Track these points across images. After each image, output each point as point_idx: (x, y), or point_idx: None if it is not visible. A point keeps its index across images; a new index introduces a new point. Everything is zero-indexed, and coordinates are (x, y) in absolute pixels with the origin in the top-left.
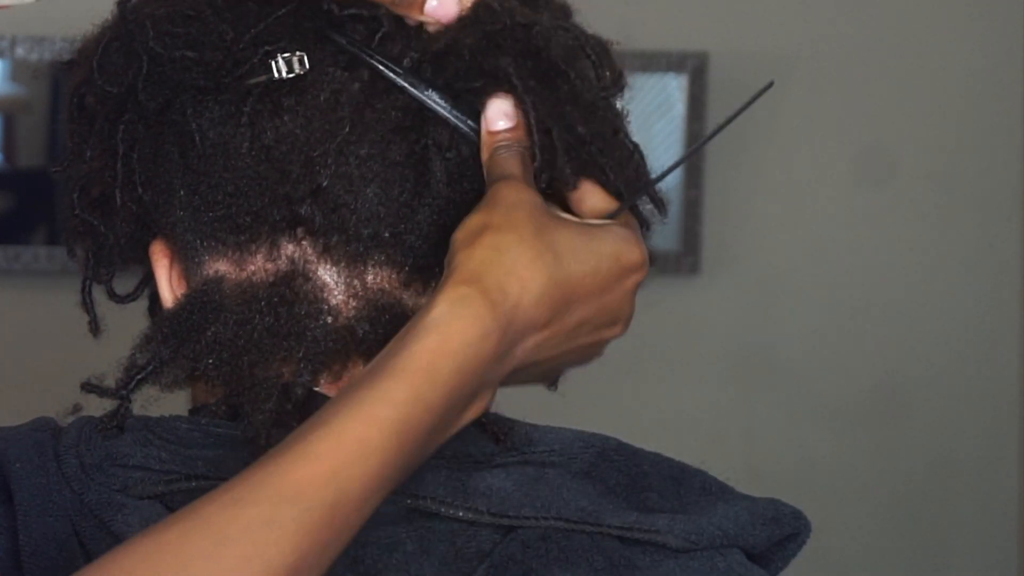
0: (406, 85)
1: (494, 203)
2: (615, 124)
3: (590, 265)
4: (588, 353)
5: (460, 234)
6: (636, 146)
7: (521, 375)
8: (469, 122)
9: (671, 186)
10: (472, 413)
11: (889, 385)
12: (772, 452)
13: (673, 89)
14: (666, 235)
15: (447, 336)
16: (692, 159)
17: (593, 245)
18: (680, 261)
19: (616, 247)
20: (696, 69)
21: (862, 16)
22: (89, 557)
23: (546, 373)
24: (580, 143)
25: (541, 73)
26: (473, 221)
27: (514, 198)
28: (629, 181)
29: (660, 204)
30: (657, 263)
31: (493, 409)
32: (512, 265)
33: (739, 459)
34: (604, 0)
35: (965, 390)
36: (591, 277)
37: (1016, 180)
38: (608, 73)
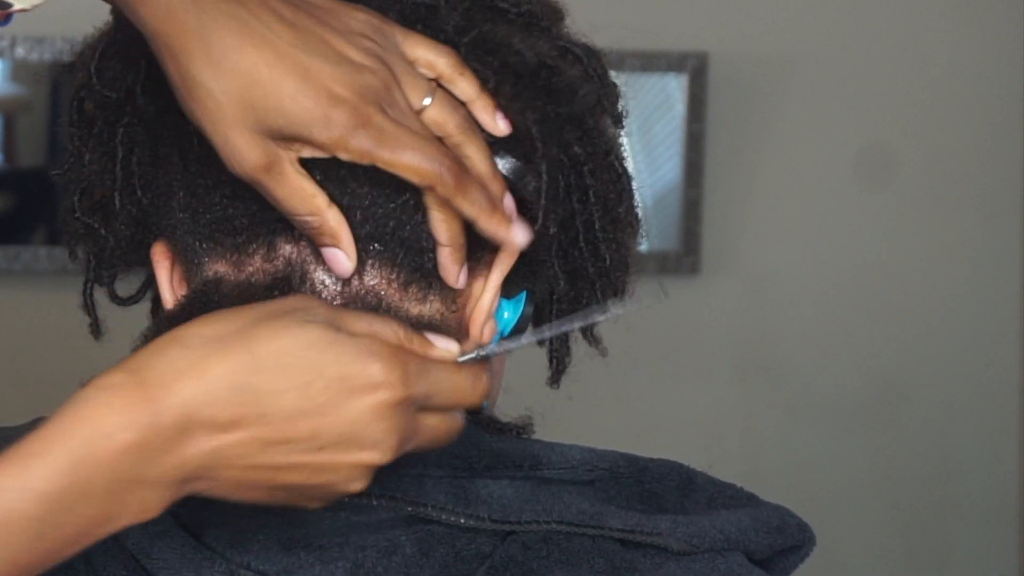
0: None
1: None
2: (607, 147)
3: (297, 381)
4: (332, 477)
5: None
6: (625, 169)
7: (223, 483)
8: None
9: (671, 186)
10: (133, 512)
11: (889, 385)
12: (772, 452)
13: (673, 89)
14: (666, 235)
15: (81, 422)
16: (692, 159)
17: (312, 360)
18: (680, 261)
19: (344, 369)
20: (696, 69)
21: (862, 16)
22: (88, 558)
23: (266, 488)
24: (574, 163)
25: (558, 114)
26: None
27: (272, 303)
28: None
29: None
30: (657, 263)
31: (498, 410)
32: (190, 363)
33: (739, 459)
34: (604, 0)
35: (965, 390)
36: (295, 395)
37: (1016, 180)
38: (608, 100)
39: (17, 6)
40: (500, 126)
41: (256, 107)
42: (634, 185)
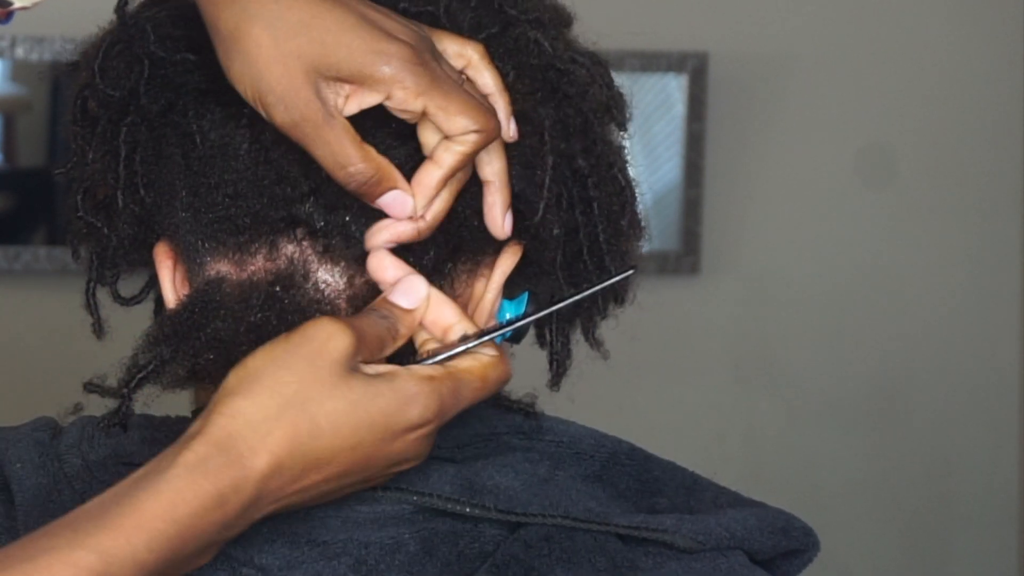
0: None
1: (289, 344)
2: (611, 159)
3: (350, 441)
4: (371, 485)
5: (234, 376)
6: (628, 182)
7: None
8: None
9: (671, 186)
10: (194, 565)
11: (889, 385)
12: (772, 452)
13: (673, 89)
14: (666, 235)
15: (178, 501)
16: (692, 159)
17: (359, 415)
18: (680, 261)
19: (387, 419)
20: (696, 69)
21: (862, 16)
22: None
23: (312, 504)
24: (578, 176)
25: (567, 115)
26: (254, 362)
27: (316, 347)
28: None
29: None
30: (657, 263)
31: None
32: (260, 439)
33: (739, 459)
34: (604, 0)
35: (965, 390)
36: (349, 452)
37: (1016, 180)
38: (615, 107)
39: (18, 4)
40: (510, 130)
41: (313, 43)
42: (638, 194)
